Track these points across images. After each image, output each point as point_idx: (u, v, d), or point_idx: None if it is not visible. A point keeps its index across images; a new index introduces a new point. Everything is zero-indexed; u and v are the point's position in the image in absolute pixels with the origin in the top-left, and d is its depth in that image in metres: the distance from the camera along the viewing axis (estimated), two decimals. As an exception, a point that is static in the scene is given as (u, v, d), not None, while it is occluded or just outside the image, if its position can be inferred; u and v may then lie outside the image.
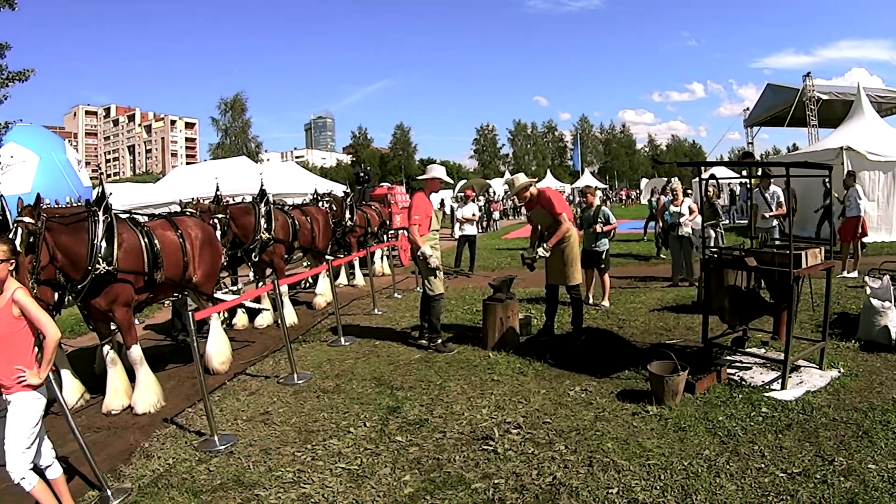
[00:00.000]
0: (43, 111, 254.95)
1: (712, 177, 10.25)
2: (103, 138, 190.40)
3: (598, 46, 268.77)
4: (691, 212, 13.83)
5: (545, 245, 9.89)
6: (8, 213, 7.48)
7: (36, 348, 5.11)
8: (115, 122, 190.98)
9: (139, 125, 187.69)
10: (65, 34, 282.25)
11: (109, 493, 5.69)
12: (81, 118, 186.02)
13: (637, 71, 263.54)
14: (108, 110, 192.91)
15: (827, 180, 14.60)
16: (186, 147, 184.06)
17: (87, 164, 25.18)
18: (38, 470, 5.06)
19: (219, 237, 10.76)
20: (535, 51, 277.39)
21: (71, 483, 5.54)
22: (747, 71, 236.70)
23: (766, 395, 6.95)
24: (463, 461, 5.89)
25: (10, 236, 6.61)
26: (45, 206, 7.65)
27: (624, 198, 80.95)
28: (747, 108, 45.14)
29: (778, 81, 40.00)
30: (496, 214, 44.73)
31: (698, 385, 7.09)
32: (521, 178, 10.37)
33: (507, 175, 71.02)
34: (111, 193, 8.71)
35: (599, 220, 12.21)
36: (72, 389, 8.59)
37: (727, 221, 31.16)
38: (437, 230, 10.20)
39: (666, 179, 35.06)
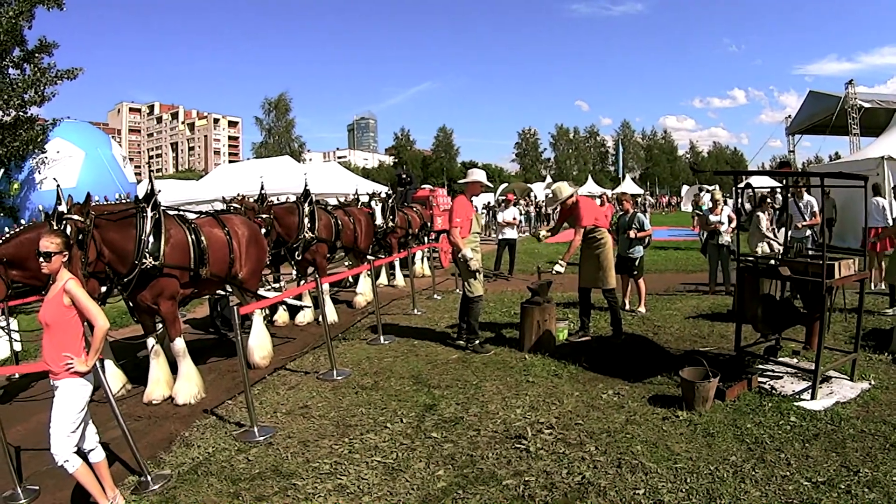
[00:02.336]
0: (87, 107, 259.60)
1: (748, 185, 10.31)
2: (146, 135, 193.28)
3: (640, 51, 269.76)
4: (730, 220, 13.82)
5: (561, 261, 10.15)
6: (63, 202, 7.74)
7: (84, 337, 5.32)
8: (159, 120, 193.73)
9: (182, 123, 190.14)
10: (110, 32, 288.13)
11: (150, 478, 5.89)
12: (125, 115, 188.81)
13: (678, 77, 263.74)
14: (151, 108, 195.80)
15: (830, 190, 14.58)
16: (229, 145, 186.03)
17: (131, 160, 25.52)
18: (82, 453, 5.25)
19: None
20: (576, 55, 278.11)
21: (112, 468, 5.72)
22: (788, 78, 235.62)
23: (795, 404, 6.98)
24: (496, 458, 6.02)
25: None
26: (94, 203, 7.92)
27: (664, 204, 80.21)
28: (789, 116, 44.78)
29: (820, 88, 39.58)
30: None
31: (729, 392, 7.14)
32: (566, 190, 10.51)
33: (549, 179, 70.82)
34: (160, 190, 8.94)
35: (634, 226, 12.26)
36: (114, 379, 8.83)
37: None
38: (479, 233, 10.32)
39: (703, 187, 34.84)
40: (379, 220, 16.61)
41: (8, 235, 8.22)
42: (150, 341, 8.71)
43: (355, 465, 6.02)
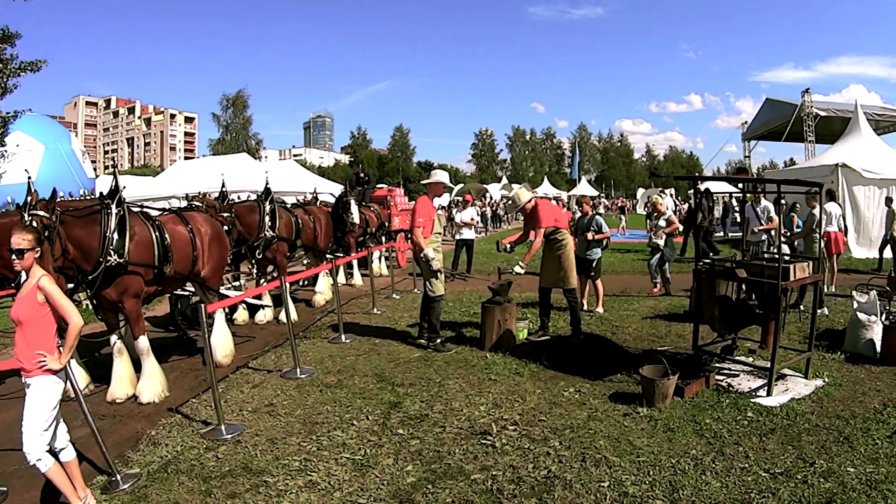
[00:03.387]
0: (44, 100, 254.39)
1: (707, 190, 10.54)
2: (102, 130, 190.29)
3: (597, 55, 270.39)
4: (669, 224, 14.10)
5: (521, 263, 10.40)
6: (35, 195, 7.66)
7: (57, 334, 5.30)
8: (115, 114, 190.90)
9: (139, 118, 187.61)
10: (68, 22, 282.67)
11: (119, 477, 5.87)
12: (82, 109, 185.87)
13: (635, 81, 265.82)
14: (108, 102, 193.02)
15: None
16: (185, 141, 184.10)
17: (87, 154, 25.26)
18: (53, 452, 5.22)
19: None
20: (534, 57, 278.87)
21: (79, 467, 5.67)
22: (745, 84, 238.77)
23: (752, 400, 7.24)
24: (462, 454, 6.12)
25: None
26: (59, 199, 7.86)
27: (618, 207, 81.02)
28: (745, 122, 45.68)
29: (776, 96, 40.44)
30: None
31: (687, 389, 7.36)
32: (524, 196, 10.71)
33: (505, 180, 71.11)
34: (125, 187, 8.89)
35: (592, 228, 12.44)
36: (77, 377, 8.70)
37: (720, 233, 31.59)
38: (440, 233, 10.42)
39: (663, 191, 35.37)
40: (356, 218, 16.59)
41: None
42: (114, 339, 8.64)
43: (324, 462, 6.07)
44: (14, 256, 5.10)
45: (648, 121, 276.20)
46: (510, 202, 12.52)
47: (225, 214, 11.59)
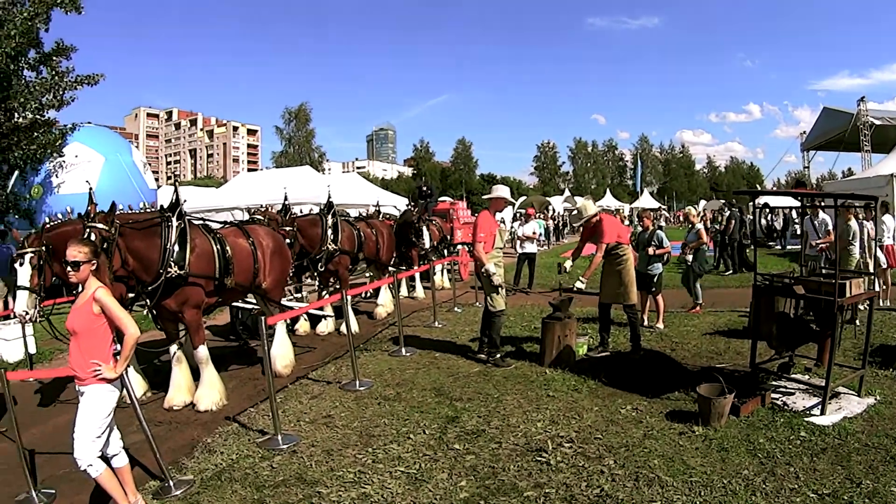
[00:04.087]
0: (104, 112, 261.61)
1: (766, 205, 10.36)
2: (164, 141, 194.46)
3: (655, 65, 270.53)
4: (698, 237, 13.86)
5: (582, 278, 10.40)
6: (94, 206, 7.85)
7: (113, 344, 5.43)
8: (177, 126, 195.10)
9: (201, 130, 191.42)
10: (128, 36, 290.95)
11: (172, 483, 5.99)
12: (143, 120, 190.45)
13: (694, 90, 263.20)
14: (169, 114, 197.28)
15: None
16: (248, 153, 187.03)
17: (149, 165, 25.82)
18: (105, 458, 5.34)
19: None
20: (593, 68, 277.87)
21: (133, 472, 5.77)
22: (803, 93, 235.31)
23: (805, 419, 7.10)
24: (517, 470, 6.10)
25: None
26: (119, 212, 8.07)
27: (682, 219, 79.65)
28: (804, 132, 44.90)
29: (832, 104, 39.74)
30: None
31: (743, 408, 7.24)
32: (591, 208, 10.66)
33: (567, 193, 70.76)
34: (185, 200, 9.08)
35: (653, 242, 12.30)
36: (135, 384, 8.94)
37: (779, 247, 31.17)
38: (501, 248, 10.42)
39: (723, 202, 34.91)
40: (427, 244, 16.66)
41: (50, 225, 8.30)
42: (173, 348, 8.86)
43: (379, 475, 6.09)
44: (70, 268, 5.24)
45: (709, 131, 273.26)
46: (575, 213, 12.42)
47: (287, 228, 11.78)
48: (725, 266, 22.07)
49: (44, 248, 7.69)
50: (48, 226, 8.20)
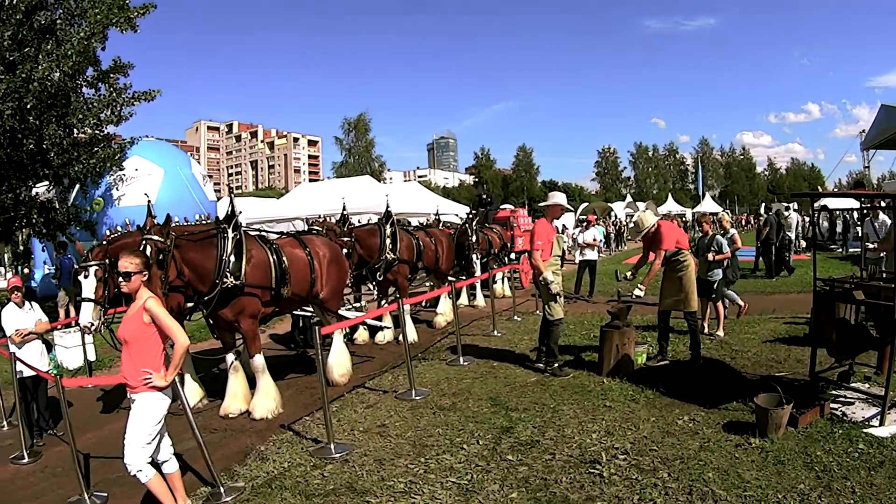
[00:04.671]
0: (165, 126, 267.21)
1: (824, 207, 10.14)
2: (226, 153, 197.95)
3: (713, 66, 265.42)
4: (732, 242, 13.56)
5: (640, 286, 10.35)
6: (152, 219, 8.06)
7: (165, 353, 5.55)
8: (238, 138, 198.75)
9: (262, 141, 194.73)
10: (188, 52, 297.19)
11: (223, 490, 6.10)
12: (203, 133, 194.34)
13: (752, 91, 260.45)
14: (230, 126, 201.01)
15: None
16: (309, 164, 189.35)
17: (210, 177, 26.27)
18: (155, 464, 5.48)
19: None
20: (651, 71, 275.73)
21: (184, 478, 5.92)
22: (861, 90, 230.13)
23: (864, 430, 6.89)
24: (569, 483, 6.04)
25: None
26: (174, 224, 8.27)
27: (743, 223, 77.93)
28: (863, 131, 43.88)
29: (891, 101, 38.71)
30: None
31: (801, 419, 7.07)
32: (649, 220, 10.55)
33: (629, 198, 70.20)
34: (241, 211, 9.27)
35: (712, 248, 12.09)
36: (192, 392, 9.21)
37: (841, 250, 30.53)
38: (560, 256, 10.38)
39: (787, 206, 34.30)
40: (477, 270, 16.68)
41: (112, 237, 8.48)
42: (230, 357, 9.04)
43: (430, 485, 6.11)
44: (121, 279, 5.43)
45: (768, 132, 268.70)
46: (633, 227, 12.30)
47: (345, 239, 11.90)
48: (767, 271, 21.64)
49: (107, 260, 7.88)
50: (110, 238, 8.39)
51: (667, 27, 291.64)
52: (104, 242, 8.23)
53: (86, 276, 7.50)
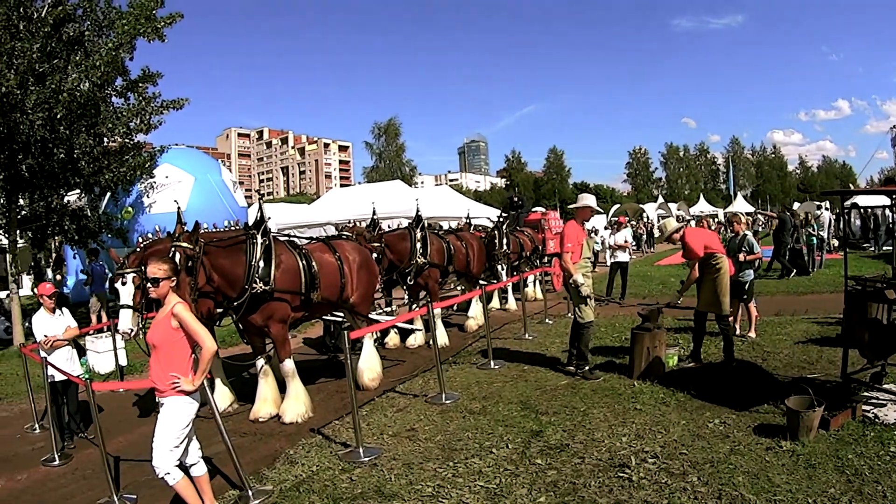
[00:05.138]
0: (196, 133, 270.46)
1: (854, 205, 10.04)
2: (256, 159, 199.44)
3: (741, 64, 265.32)
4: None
5: (677, 293, 10.33)
6: (182, 225, 8.16)
7: (193, 357, 5.63)
8: (269, 145, 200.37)
9: (292, 147, 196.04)
10: (216, 58, 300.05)
11: (251, 493, 6.17)
12: (234, 140, 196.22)
13: (782, 88, 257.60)
14: (260, 133, 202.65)
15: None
16: (340, 169, 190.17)
17: (241, 184, 26.48)
18: (184, 467, 5.56)
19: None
20: (680, 71, 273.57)
21: (213, 482, 6.04)
22: (891, 85, 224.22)
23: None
24: (598, 487, 6.03)
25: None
26: (203, 231, 8.38)
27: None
28: (894, 126, 43.55)
29: None
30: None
31: (833, 421, 6.99)
32: (671, 225, 10.63)
33: (661, 199, 69.84)
34: (269, 217, 9.36)
35: (743, 248, 11.99)
36: (222, 396, 9.34)
37: (873, 248, 30.20)
38: (590, 258, 10.35)
39: (819, 204, 33.96)
40: (504, 275, 16.64)
41: (146, 243, 8.58)
42: (260, 361, 9.13)
43: (458, 490, 6.13)
44: (150, 285, 5.55)
45: (799, 130, 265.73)
46: (658, 235, 12.28)
47: (375, 244, 11.97)
48: (785, 270, 21.40)
49: (142, 267, 7.98)
50: (144, 245, 8.50)
51: (694, 26, 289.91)
52: (138, 249, 8.36)
53: (123, 283, 7.61)
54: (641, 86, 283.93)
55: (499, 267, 16.91)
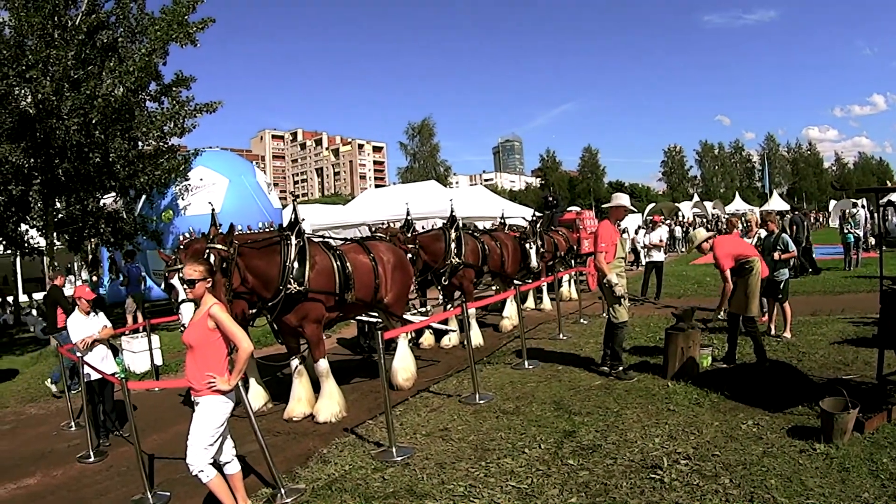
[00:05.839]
0: (230, 136, 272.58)
1: (889, 202, 9.96)
2: (291, 161, 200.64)
3: (775, 60, 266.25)
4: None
5: (718, 307, 10.41)
6: (217, 227, 8.28)
7: (228, 357, 5.74)
8: (303, 146, 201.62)
9: (326, 149, 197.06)
10: (250, 62, 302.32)
11: (283, 491, 6.27)
12: (268, 142, 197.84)
13: (816, 84, 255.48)
14: (294, 135, 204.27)
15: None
16: (375, 170, 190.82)
17: (275, 185, 26.65)
18: (217, 465, 5.66)
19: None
20: (713, 67, 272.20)
21: (246, 480, 6.14)
22: None
23: None
24: (629, 488, 6.03)
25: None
26: (238, 233, 8.49)
27: (812, 220, 75.42)
28: None
29: None
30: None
31: (868, 424, 6.89)
32: (700, 236, 10.59)
33: (696, 198, 69.38)
34: (304, 219, 9.47)
35: (778, 247, 11.90)
36: (257, 396, 9.50)
37: None
38: (623, 257, 10.35)
39: (855, 202, 33.47)
40: (534, 262, 16.65)
41: (187, 241, 8.77)
42: (294, 361, 9.25)
43: (489, 489, 6.17)
44: (186, 286, 5.68)
45: (835, 127, 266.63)
46: (689, 244, 12.23)
47: (410, 246, 12.06)
48: (812, 269, 21.23)
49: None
50: (186, 242, 8.69)
51: (726, 21, 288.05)
52: (181, 247, 8.58)
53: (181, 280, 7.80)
54: (675, 83, 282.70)
55: (533, 258, 16.75)
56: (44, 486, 7.57)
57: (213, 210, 9.06)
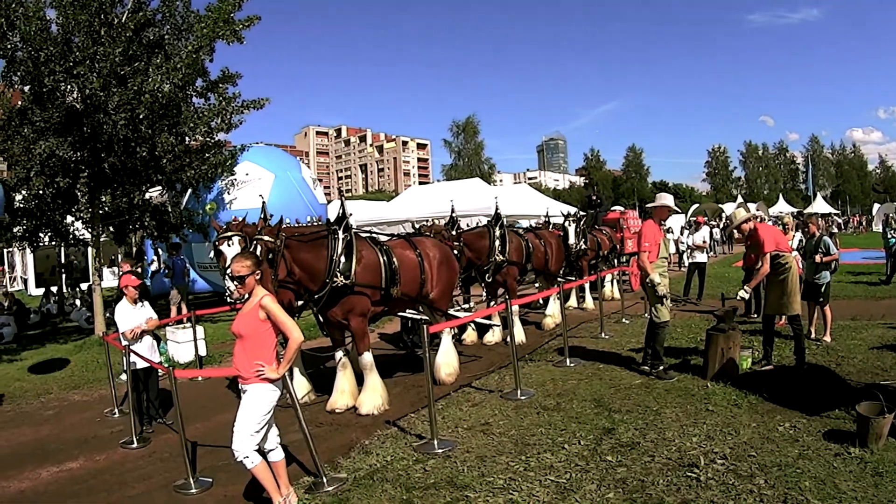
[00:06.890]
0: (273, 131, 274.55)
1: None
2: (335, 157, 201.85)
3: (818, 60, 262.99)
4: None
5: (746, 287, 10.30)
6: (269, 218, 8.52)
7: (278, 347, 5.89)
8: (347, 143, 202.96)
9: (371, 145, 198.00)
10: (294, 59, 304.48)
11: (325, 480, 6.41)
12: (312, 138, 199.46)
13: (859, 84, 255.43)
14: (338, 131, 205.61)
15: None
16: (419, 167, 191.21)
17: (320, 181, 26.84)
18: (262, 452, 5.79)
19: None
20: (757, 67, 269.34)
21: (289, 468, 6.23)
22: None
23: None
24: (666, 485, 6.09)
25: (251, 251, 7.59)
26: (286, 226, 8.72)
27: (856, 225, 74.02)
28: None
29: None
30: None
31: None
32: (740, 215, 10.53)
33: (740, 199, 68.79)
34: (351, 214, 9.62)
35: (820, 249, 11.76)
36: (300, 386, 9.66)
37: None
38: (667, 258, 10.40)
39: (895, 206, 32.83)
40: (572, 240, 16.74)
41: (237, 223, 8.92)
42: (339, 354, 9.43)
43: (529, 483, 6.26)
44: (236, 283, 5.78)
45: (879, 128, 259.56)
46: (728, 223, 12.18)
47: (455, 243, 12.22)
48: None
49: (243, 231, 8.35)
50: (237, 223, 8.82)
51: (768, 20, 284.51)
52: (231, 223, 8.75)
53: (230, 245, 8.02)
54: (719, 83, 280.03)
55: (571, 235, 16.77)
56: (86, 470, 7.79)
57: (263, 202, 9.27)
